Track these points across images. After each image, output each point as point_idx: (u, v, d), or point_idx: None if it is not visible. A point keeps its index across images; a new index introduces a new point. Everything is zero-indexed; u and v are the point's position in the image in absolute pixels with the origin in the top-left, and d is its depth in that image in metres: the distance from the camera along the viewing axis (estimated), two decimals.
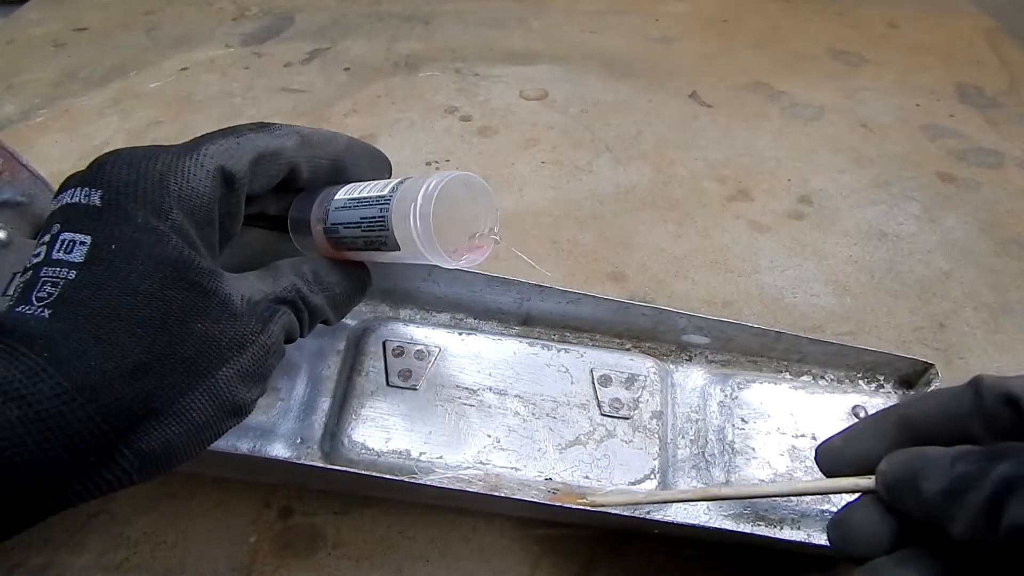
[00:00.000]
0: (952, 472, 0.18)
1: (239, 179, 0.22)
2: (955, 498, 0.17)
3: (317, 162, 0.25)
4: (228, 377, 0.21)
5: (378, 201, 0.24)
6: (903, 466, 0.20)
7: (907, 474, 0.19)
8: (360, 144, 0.27)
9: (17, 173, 0.31)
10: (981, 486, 0.16)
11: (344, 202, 0.25)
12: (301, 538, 0.33)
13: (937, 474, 0.18)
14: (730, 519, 0.31)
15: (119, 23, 0.80)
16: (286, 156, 0.24)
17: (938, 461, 0.18)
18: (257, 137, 0.23)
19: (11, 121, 0.63)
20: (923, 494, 0.18)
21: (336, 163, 0.26)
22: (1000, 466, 0.16)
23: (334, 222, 0.25)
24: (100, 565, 0.32)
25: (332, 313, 0.26)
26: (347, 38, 0.76)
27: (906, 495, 0.19)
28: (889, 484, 0.20)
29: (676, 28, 0.78)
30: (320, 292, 0.25)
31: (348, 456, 0.32)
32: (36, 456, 0.16)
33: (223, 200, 0.22)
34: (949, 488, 0.17)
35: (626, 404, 0.33)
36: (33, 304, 0.18)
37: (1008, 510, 0.16)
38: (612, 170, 0.56)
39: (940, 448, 0.19)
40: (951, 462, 0.18)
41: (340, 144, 0.26)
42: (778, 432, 0.33)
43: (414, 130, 0.61)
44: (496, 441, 0.32)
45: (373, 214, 0.24)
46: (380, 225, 0.23)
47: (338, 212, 0.25)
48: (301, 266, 0.25)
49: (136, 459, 0.19)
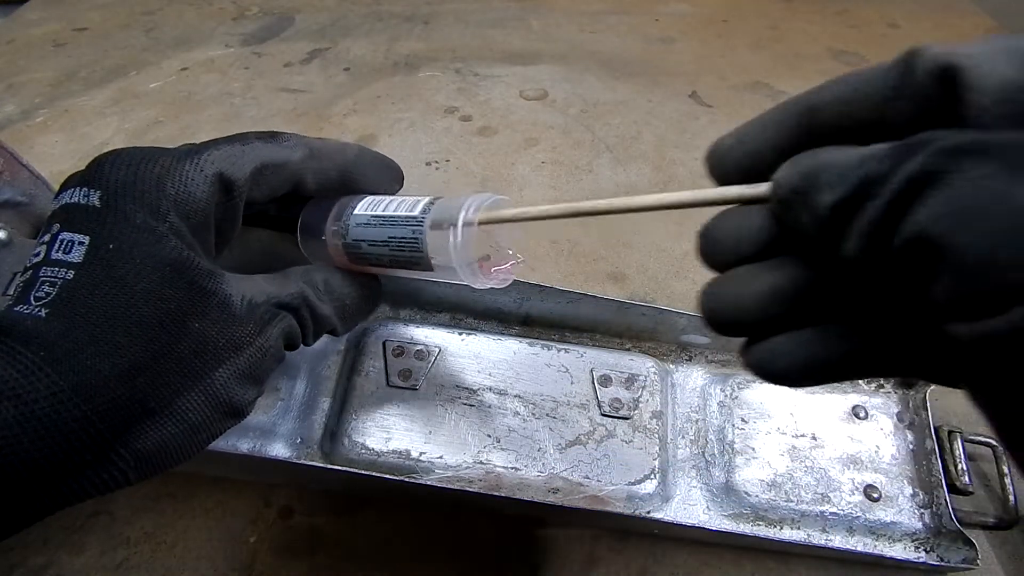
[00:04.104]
0: (855, 176, 0.13)
1: (238, 187, 0.22)
2: (852, 209, 0.13)
3: (325, 175, 0.25)
4: (225, 378, 0.21)
5: (408, 222, 0.24)
6: (800, 174, 0.15)
7: (803, 183, 0.15)
8: (370, 154, 0.27)
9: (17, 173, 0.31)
10: (883, 191, 0.13)
11: (367, 219, 0.25)
12: (301, 538, 0.33)
13: (837, 182, 0.14)
14: (730, 519, 0.31)
15: (119, 23, 0.80)
16: (291, 168, 0.24)
17: (841, 165, 0.14)
18: (263, 147, 0.23)
19: (11, 121, 0.63)
20: (817, 209, 0.14)
21: (345, 175, 0.26)
22: (910, 161, 0.12)
23: (356, 238, 0.25)
24: (100, 565, 0.32)
25: (339, 324, 0.26)
26: (347, 38, 0.76)
27: (798, 208, 0.15)
28: (782, 196, 0.15)
29: (676, 28, 0.78)
30: (329, 302, 0.25)
31: (348, 456, 0.32)
32: (31, 455, 0.17)
33: (220, 206, 0.22)
34: (848, 196, 0.13)
35: (626, 404, 0.33)
36: (31, 303, 0.19)
37: (910, 215, 0.12)
38: (612, 170, 0.56)
39: (848, 149, 0.14)
40: (858, 164, 0.14)
41: (349, 156, 0.26)
42: (778, 432, 0.33)
43: (414, 130, 0.61)
44: (496, 441, 0.32)
45: (404, 235, 0.24)
46: (412, 247, 0.24)
47: (360, 228, 0.25)
48: (313, 274, 0.25)
49: (132, 459, 0.19)
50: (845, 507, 0.31)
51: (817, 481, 0.32)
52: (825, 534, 0.31)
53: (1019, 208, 0.11)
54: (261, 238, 0.30)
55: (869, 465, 0.32)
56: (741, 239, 0.17)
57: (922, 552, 0.31)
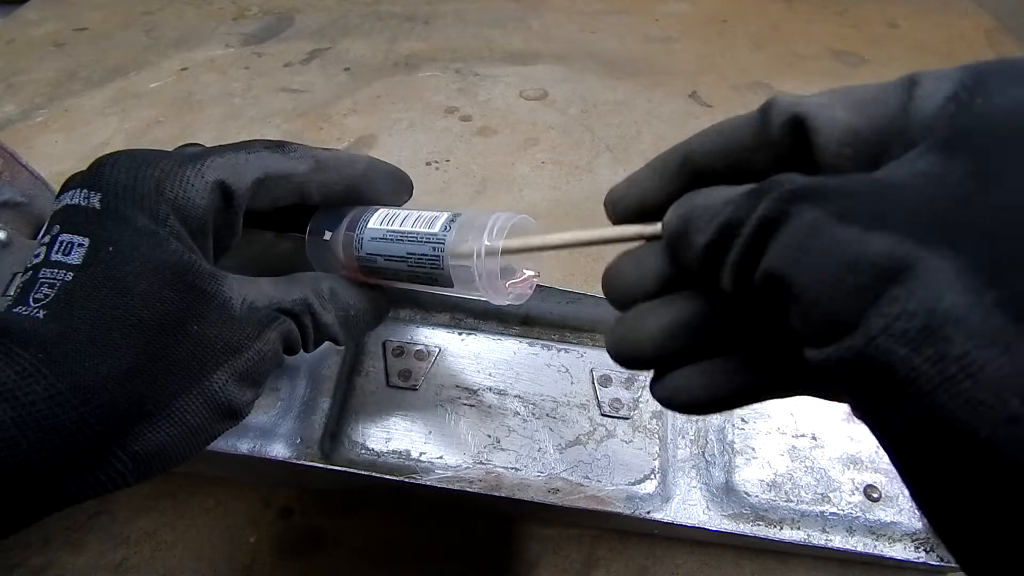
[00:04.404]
0: (719, 219, 0.15)
1: (238, 196, 0.22)
2: (720, 248, 0.15)
3: (330, 187, 0.25)
4: (222, 380, 0.21)
5: (429, 239, 0.23)
6: (679, 216, 0.17)
7: (682, 225, 0.16)
8: (380, 167, 0.26)
9: (17, 174, 0.31)
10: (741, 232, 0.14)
11: (383, 233, 0.24)
12: (301, 538, 0.33)
13: (707, 223, 0.15)
14: (730, 519, 0.31)
15: (119, 23, 0.80)
16: (295, 180, 0.24)
17: (709, 207, 0.16)
18: (268, 156, 0.23)
19: (11, 121, 0.63)
20: (695, 247, 0.16)
21: (351, 188, 0.25)
22: (760, 205, 0.14)
23: (371, 252, 0.25)
24: (100, 565, 0.32)
25: (342, 333, 0.25)
26: (347, 38, 0.76)
27: (681, 246, 0.17)
28: (668, 236, 0.17)
29: (676, 28, 0.78)
30: (333, 311, 0.25)
31: (348, 456, 0.32)
32: (29, 457, 0.16)
33: (219, 214, 0.22)
34: (715, 237, 0.15)
35: (626, 404, 0.33)
36: (30, 305, 0.19)
37: (765, 254, 0.14)
38: (612, 170, 0.56)
39: (719, 190, 0.16)
40: (722, 207, 0.15)
41: (358, 169, 0.25)
42: (778, 432, 0.33)
43: (414, 130, 0.61)
44: (496, 441, 0.32)
45: (424, 251, 0.23)
46: (433, 264, 0.23)
47: (376, 243, 0.25)
48: (320, 282, 0.25)
49: (130, 460, 0.19)
50: (845, 507, 0.31)
51: (817, 481, 0.32)
52: (825, 534, 0.31)
53: (839, 246, 0.12)
54: (264, 240, 0.30)
55: (869, 465, 0.32)
56: (642, 275, 0.19)
57: (922, 552, 0.31)
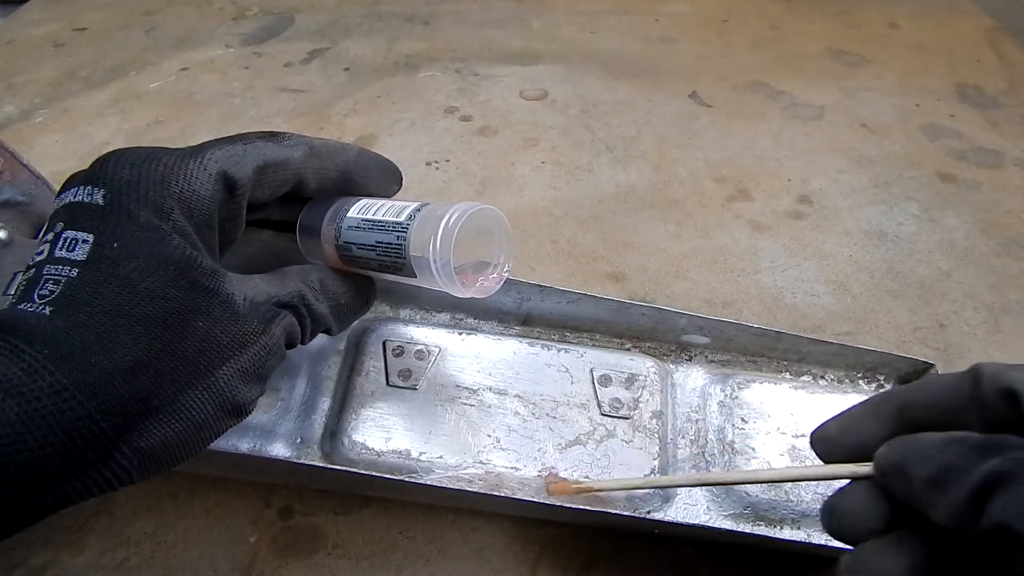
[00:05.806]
0: (940, 459, 0.18)
1: (241, 185, 0.22)
2: (939, 486, 0.18)
3: (325, 174, 0.25)
4: (228, 376, 0.21)
5: (395, 228, 0.24)
6: (897, 453, 0.20)
7: (899, 459, 0.20)
8: (370, 156, 0.27)
9: (18, 173, 0.31)
10: (967, 478, 0.17)
11: (358, 222, 0.25)
12: (301, 538, 0.33)
13: (926, 461, 0.18)
14: (730, 519, 0.31)
15: (119, 23, 0.80)
16: (292, 167, 0.24)
17: (928, 448, 0.19)
18: (264, 146, 0.23)
19: (11, 121, 0.63)
20: (910, 480, 0.19)
21: (345, 175, 0.26)
22: (992, 460, 0.17)
23: (347, 240, 0.25)
24: (100, 565, 0.32)
25: (335, 322, 0.26)
26: (347, 38, 0.76)
27: (896, 480, 0.20)
28: (883, 470, 0.20)
29: (676, 28, 0.78)
30: (325, 301, 0.25)
31: (348, 456, 0.32)
32: (35, 453, 0.17)
33: (224, 205, 0.22)
34: (936, 475, 0.18)
35: (626, 404, 0.33)
36: (35, 301, 0.19)
37: (992, 504, 0.16)
38: (612, 170, 0.56)
39: (933, 435, 0.19)
40: (941, 450, 0.18)
41: (350, 156, 0.26)
42: (778, 432, 0.33)
43: (414, 130, 0.61)
44: (496, 441, 0.32)
45: (390, 240, 0.24)
46: (396, 252, 0.24)
47: (351, 231, 0.25)
48: (309, 274, 0.25)
49: (135, 457, 0.19)
50: None
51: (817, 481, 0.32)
52: (826, 534, 0.31)
53: None
54: (262, 239, 0.30)
55: None
56: (869, 515, 0.21)
57: None
